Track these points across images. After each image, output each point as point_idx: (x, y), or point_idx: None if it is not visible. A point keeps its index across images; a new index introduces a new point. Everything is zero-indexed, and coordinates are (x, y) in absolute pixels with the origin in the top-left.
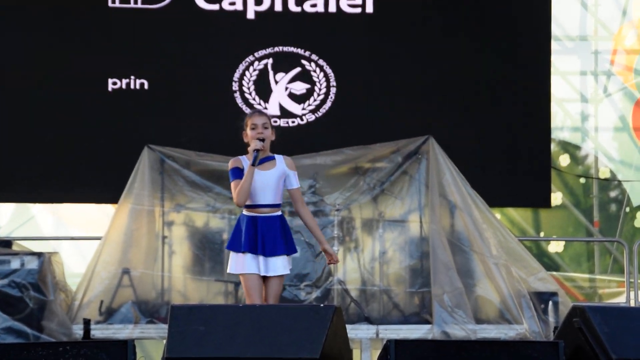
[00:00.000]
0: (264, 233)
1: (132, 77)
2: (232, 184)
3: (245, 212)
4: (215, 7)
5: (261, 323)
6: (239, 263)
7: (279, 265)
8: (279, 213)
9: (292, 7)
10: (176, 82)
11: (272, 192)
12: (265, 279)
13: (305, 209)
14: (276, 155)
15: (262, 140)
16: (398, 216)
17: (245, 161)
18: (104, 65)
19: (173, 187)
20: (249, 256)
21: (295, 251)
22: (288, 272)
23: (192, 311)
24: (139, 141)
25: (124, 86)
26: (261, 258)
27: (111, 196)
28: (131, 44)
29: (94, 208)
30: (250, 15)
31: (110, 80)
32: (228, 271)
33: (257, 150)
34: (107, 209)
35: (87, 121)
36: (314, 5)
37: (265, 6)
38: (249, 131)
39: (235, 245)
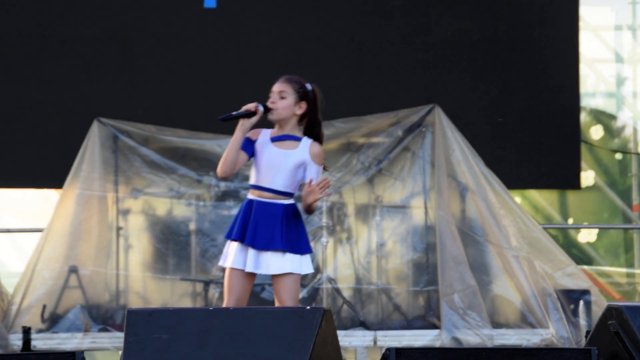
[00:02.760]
0: (258, 221)
1: (77, 38)
2: None
3: (249, 194)
4: None
5: (236, 329)
6: (225, 254)
7: (274, 263)
8: (288, 202)
9: None
10: (129, 42)
11: (282, 176)
12: (273, 277)
13: None
14: (304, 138)
15: (266, 108)
16: (398, 201)
17: (265, 134)
18: (45, 23)
19: (129, 169)
20: (236, 247)
21: (308, 251)
22: (289, 271)
23: (153, 316)
24: (86, 113)
25: (68, 49)
26: (250, 251)
27: (54, 180)
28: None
29: (34, 194)
30: None
31: (52, 42)
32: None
33: (247, 111)
34: (50, 195)
35: (24, 89)
36: None
37: None
38: None
39: (229, 232)
